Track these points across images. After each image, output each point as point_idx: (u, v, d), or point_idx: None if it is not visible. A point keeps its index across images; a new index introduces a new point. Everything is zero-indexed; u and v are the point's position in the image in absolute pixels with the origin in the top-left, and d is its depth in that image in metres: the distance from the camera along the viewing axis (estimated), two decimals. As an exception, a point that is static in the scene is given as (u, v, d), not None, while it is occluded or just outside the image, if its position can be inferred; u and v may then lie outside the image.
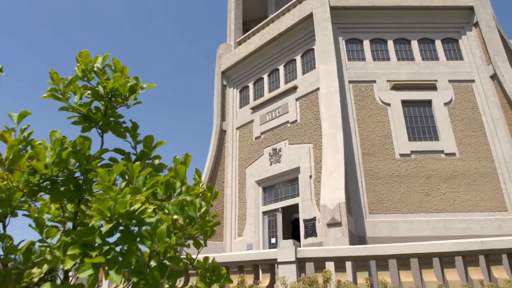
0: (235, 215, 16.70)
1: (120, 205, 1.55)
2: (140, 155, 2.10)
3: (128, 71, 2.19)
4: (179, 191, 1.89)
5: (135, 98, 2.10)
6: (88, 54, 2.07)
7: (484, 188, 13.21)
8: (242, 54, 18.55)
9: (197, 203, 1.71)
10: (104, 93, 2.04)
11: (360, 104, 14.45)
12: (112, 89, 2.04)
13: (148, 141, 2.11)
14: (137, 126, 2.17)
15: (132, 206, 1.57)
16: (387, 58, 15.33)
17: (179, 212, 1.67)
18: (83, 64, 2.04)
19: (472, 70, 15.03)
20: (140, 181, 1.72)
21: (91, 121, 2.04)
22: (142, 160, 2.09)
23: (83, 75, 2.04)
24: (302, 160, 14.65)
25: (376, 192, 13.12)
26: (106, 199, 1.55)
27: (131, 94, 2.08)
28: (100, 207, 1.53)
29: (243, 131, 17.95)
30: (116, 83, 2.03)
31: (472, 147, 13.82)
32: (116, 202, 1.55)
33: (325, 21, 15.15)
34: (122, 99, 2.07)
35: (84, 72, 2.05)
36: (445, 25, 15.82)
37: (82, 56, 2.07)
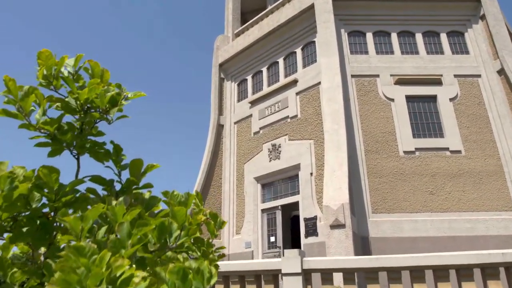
0: (233, 212, 16.25)
1: (94, 277, 1.03)
2: (125, 184, 1.58)
3: (109, 75, 1.68)
4: (176, 236, 1.40)
5: (120, 110, 1.59)
6: (51, 54, 1.54)
7: (490, 187, 12.81)
8: (240, 46, 17.96)
9: (205, 269, 1.22)
10: (78, 105, 1.53)
11: (363, 99, 13.96)
12: (88, 100, 1.53)
13: (136, 166, 1.59)
14: (120, 149, 1.64)
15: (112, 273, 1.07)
16: (390, 52, 14.82)
17: (180, 284, 1.18)
18: (44, 68, 1.52)
19: (478, 65, 14.55)
20: (124, 231, 1.22)
21: (61, 142, 1.52)
22: (127, 193, 1.57)
23: (47, 83, 1.53)
24: (303, 157, 14.19)
25: (379, 190, 12.70)
26: (73, 267, 1.04)
27: (112, 107, 1.57)
28: (67, 278, 1.02)
29: (241, 126, 17.43)
30: (92, 93, 1.52)
31: (478, 144, 13.40)
32: (89, 270, 1.03)
33: (327, 13, 14.59)
34: (100, 113, 1.56)
35: (48, 79, 1.53)
36: (450, 18, 15.30)
37: (42, 57, 1.54)
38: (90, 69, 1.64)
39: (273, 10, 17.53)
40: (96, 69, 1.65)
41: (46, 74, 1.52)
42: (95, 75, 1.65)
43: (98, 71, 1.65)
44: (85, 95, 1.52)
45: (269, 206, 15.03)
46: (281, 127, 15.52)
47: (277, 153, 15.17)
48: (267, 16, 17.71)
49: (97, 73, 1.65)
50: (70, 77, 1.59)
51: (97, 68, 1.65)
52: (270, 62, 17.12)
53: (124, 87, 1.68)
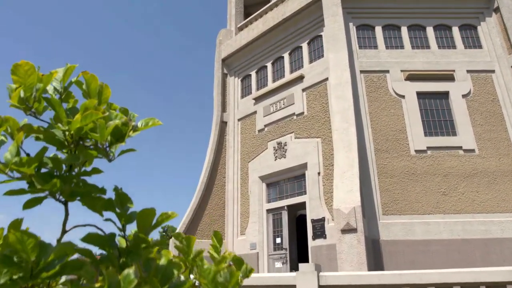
0: (237, 212, 15.80)
1: None
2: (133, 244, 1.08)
3: (109, 93, 1.19)
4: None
5: (122, 142, 1.10)
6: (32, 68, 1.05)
7: (505, 187, 12.33)
8: (244, 41, 17.39)
9: None
10: (67, 137, 1.05)
11: (373, 95, 13.44)
12: (81, 131, 1.05)
13: (146, 218, 1.08)
14: (126, 199, 1.13)
15: None
16: (400, 46, 14.26)
17: None
18: (22, 88, 1.03)
19: (492, 60, 14.00)
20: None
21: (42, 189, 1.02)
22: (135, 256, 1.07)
23: (25, 108, 1.05)
24: (310, 156, 13.70)
25: (390, 191, 12.22)
26: None
27: (115, 141, 1.09)
28: None
29: (245, 123, 16.92)
30: (88, 120, 1.03)
31: (492, 143, 12.90)
32: None
33: (335, 6, 14.01)
34: (99, 148, 1.07)
35: (26, 102, 1.05)
36: (462, 11, 14.71)
37: (20, 72, 1.06)
38: (85, 84, 1.16)
39: (278, 3, 16.94)
40: (92, 85, 1.17)
41: (24, 96, 1.04)
42: (91, 93, 1.17)
43: (95, 87, 1.17)
44: (78, 124, 1.03)
45: (275, 207, 14.57)
46: (287, 124, 15.01)
47: (282, 151, 14.69)
48: (272, 10, 17.12)
49: (93, 90, 1.17)
50: (57, 97, 1.12)
51: (94, 83, 1.17)
52: (275, 57, 16.56)
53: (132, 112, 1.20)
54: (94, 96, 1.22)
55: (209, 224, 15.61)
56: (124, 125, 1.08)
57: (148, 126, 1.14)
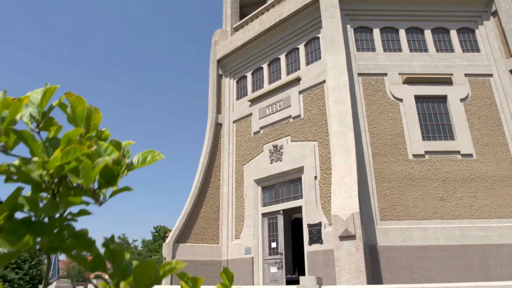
0: (232, 216, 15.56)
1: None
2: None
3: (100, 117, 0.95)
4: None
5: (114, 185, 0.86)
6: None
7: (503, 193, 12.24)
8: (240, 42, 17.15)
9: None
10: (45, 176, 0.81)
11: (370, 99, 13.27)
12: (61, 170, 0.81)
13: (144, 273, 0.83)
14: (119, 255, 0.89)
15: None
16: (398, 49, 14.11)
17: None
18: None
19: (490, 64, 13.91)
20: None
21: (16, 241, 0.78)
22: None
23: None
24: (306, 160, 13.50)
25: (388, 196, 12.06)
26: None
27: (105, 184, 0.85)
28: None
29: (240, 125, 16.68)
30: (71, 157, 0.79)
31: (490, 147, 12.80)
32: None
33: (333, 7, 13.82)
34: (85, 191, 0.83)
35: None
36: (460, 14, 14.61)
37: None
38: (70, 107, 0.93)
39: (274, 3, 16.71)
40: (79, 109, 0.93)
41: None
42: (78, 118, 0.94)
43: (82, 111, 0.94)
44: (57, 162, 0.80)
45: (270, 210, 14.36)
46: (283, 127, 14.80)
47: (278, 154, 14.47)
48: (268, 10, 16.89)
49: (80, 114, 0.94)
50: (33, 125, 0.89)
51: (81, 106, 0.94)
52: (271, 59, 16.34)
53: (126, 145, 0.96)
54: (80, 121, 0.99)
55: (203, 228, 15.35)
56: (116, 163, 0.84)
57: (147, 163, 0.91)
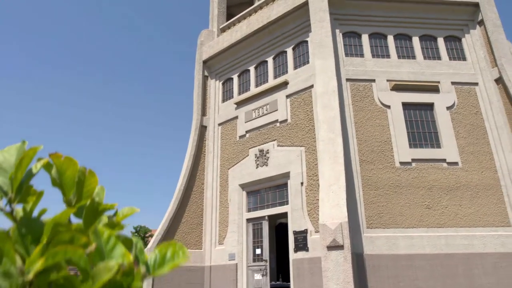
0: (216, 221, 15.24)
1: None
2: None
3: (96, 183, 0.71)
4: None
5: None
6: None
7: (487, 201, 12.31)
8: (227, 43, 16.84)
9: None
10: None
11: (358, 105, 13.17)
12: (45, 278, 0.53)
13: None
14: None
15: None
16: (387, 55, 14.07)
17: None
18: None
19: (476, 72, 14.01)
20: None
21: None
22: None
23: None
24: (293, 165, 13.30)
25: (375, 204, 11.97)
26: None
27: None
28: None
29: (226, 128, 16.38)
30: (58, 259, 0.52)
31: (475, 156, 12.87)
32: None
33: (322, 11, 13.67)
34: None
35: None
36: (447, 22, 14.68)
37: None
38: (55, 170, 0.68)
39: (263, 5, 16.48)
40: (68, 173, 0.68)
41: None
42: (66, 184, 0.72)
43: (72, 175, 0.69)
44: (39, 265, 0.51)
45: (255, 216, 14.11)
46: (270, 131, 14.57)
47: (264, 159, 14.23)
48: (256, 12, 16.64)
49: (69, 180, 0.71)
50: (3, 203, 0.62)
51: (71, 170, 0.68)
52: (259, 61, 16.09)
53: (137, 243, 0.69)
54: (70, 188, 0.74)
55: (186, 233, 14.99)
56: (126, 274, 0.59)
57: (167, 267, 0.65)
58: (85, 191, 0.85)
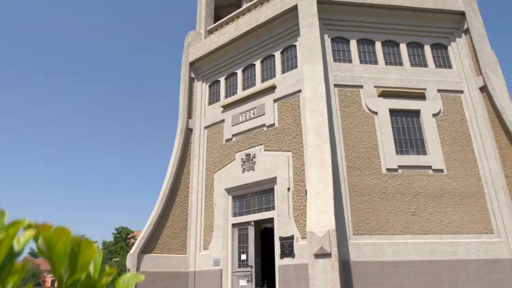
0: (201, 225, 15.03)
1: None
2: None
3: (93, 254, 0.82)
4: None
5: None
6: None
7: (471, 208, 12.44)
8: (214, 45, 16.64)
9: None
10: None
11: (346, 111, 13.16)
12: None
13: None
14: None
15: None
16: (374, 62, 14.11)
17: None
18: None
19: (461, 80, 14.17)
20: None
21: None
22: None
23: None
24: (280, 170, 13.20)
25: (361, 210, 11.96)
26: None
27: None
28: None
29: (212, 131, 16.17)
30: None
31: (460, 163, 13.00)
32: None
33: (312, 16, 13.61)
34: None
35: None
36: (434, 29, 14.82)
37: None
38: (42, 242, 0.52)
39: (251, 8, 16.35)
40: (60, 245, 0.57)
41: None
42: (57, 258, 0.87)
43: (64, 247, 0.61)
44: None
45: (241, 221, 13.96)
46: (257, 135, 14.44)
47: (251, 163, 14.09)
48: (244, 14, 16.51)
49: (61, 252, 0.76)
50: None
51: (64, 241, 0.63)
52: (246, 64, 15.95)
53: None
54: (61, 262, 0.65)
55: (170, 238, 14.72)
56: None
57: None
58: (79, 264, 0.73)
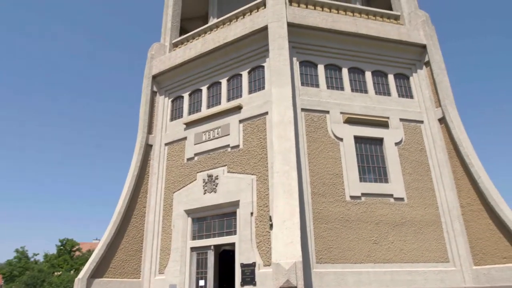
0: (157, 248, 14.26)
1: None
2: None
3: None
4: None
5: None
6: None
7: (429, 237, 12.70)
8: (179, 59, 16.11)
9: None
10: None
11: (312, 136, 13.09)
12: None
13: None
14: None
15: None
16: (341, 88, 14.22)
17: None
18: None
19: (422, 111, 14.62)
20: None
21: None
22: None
23: None
24: (243, 193, 12.83)
25: (325, 238, 11.82)
26: None
27: None
28: None
29: (173, 149, 15.53)
30: None
31: (419, 192, 13.29)
32: None
33: (282, 38, 13.52)
34: None
35: None
36: (398, 60, 15.24)
37: None
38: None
39: (219, 24, 16.04)
40: None
41: None
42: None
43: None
44: None
45: (200, 245, 13.39)
46: (220, 156, 14.01)
47: (213, 185, 13.62)
48: (212, 30, 16.16)
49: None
50: None
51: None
52: (212, 82, 15.54)
53: None
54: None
55: (123, 261, 13.82)
56: None
57: None
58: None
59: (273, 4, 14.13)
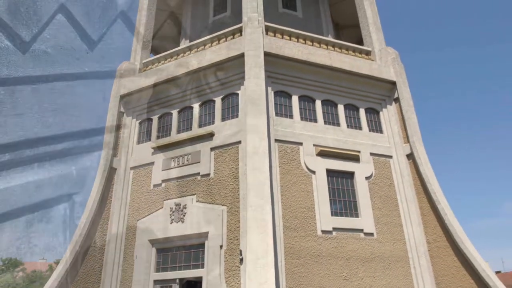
0: (117, 280, 13.35)
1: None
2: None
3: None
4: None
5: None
6: None
7: (397, 273, 12.75)
8: (150, 81, 15.57)
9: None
10: None
11: (285, 168, 12.92)
12: None
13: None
14: None
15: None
16: (314, 120, 14.24)
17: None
18: None
19: (391, 146, 14.91)
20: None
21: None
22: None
23: None
24: (212, 225, 12.34)
25: (296, 274, 11.54)
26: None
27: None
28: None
29: (139, 174, 14.82)
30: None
31: (388, 227, 13.40)
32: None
33: (258, 67, 13.40)
34: None
35: None
36: (369, 94, 15.56)
37: None
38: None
39: (193, 48, 15.72)
40: None
41: None
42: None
43: None
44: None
45: (165, 278, 12.68)
46: (189, 184, 13.49)
47: (181, 214, 13.04)
48: (185, 53, 15.80)
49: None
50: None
51: None
52: (183, 106, 15.09)
53: None
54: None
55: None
56: None
57: None
58: None
59: (251, 32, 14.05)
